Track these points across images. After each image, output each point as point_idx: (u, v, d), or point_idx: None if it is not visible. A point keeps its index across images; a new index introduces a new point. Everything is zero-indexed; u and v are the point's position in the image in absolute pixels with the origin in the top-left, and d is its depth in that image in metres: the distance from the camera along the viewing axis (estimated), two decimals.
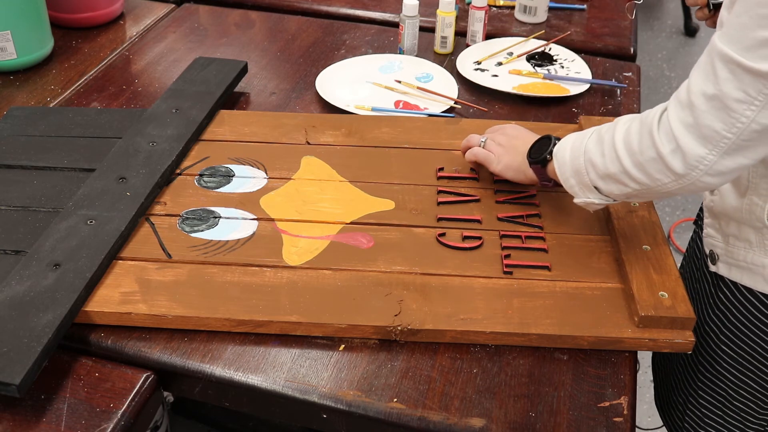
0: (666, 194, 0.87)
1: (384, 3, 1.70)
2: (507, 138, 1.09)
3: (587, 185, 0.93)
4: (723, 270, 1.00)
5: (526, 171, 1.04)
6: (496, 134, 1.11)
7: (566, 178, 0.95)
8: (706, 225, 1.03)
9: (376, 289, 0.94)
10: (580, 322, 0.91)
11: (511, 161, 1.06)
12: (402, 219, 1.05)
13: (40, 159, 1.12)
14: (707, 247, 1.03)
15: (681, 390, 1.12)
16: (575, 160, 0.93)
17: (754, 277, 0.96)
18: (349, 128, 1.23)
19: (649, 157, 0.83)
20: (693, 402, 1.10)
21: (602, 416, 0.83)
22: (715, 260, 1.01)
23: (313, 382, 0.85)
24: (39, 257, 0.93)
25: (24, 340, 0.82)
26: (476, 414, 0.83)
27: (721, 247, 1.00)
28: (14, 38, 1.36)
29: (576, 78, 1.41)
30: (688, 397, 1.11)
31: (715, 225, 1.00)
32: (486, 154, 1.08)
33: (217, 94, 1.27)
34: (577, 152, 0.93)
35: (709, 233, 1.02)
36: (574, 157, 0.93)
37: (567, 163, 0.94)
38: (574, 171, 0.93)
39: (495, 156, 1.08)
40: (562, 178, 0.96)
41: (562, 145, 0.96)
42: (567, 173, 0.95)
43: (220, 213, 1.05)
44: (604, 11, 1.69)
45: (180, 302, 0.91)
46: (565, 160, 0.94)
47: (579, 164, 0.92)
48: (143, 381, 0.85)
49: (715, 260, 1.01)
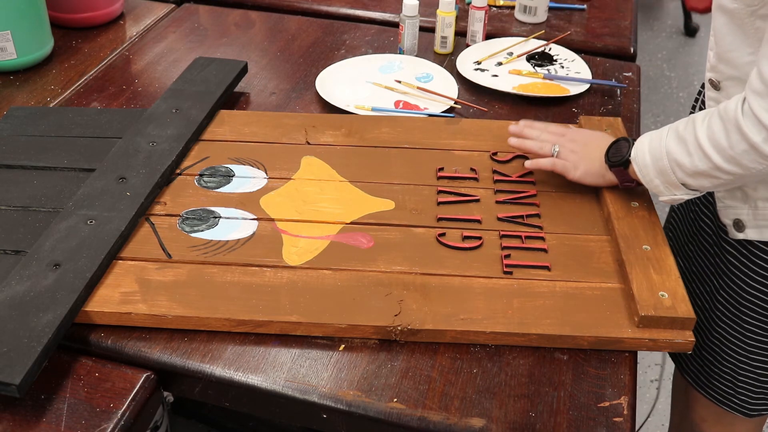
0: (758, 177, 0.90)
1: (384, 3, 1.70)
2: (579, 145, 1.10)
3: (674, 184, 0.96)
4: (753, 234, 1.02)
5: (605, 175, 1.06)
6: (565, 141, 1.11)
7: (650, 179, 0.98)
8: (721, 198, 1.05)
9: (376, 289, 0.94)
10: (580, 322, 0.91)
11: (589, 167, 1.08)
12: (402, 219, 1.05)
13: (40, 159, 1.12)
14: (728, 218, 1.04)
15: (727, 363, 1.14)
16: (658, 161, 0.96)
17: None
18: (349, 128, 1.23)
19: (741, 150, 0.87)
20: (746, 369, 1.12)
21: (602, 416, 0.83)
22: (742, 227, 1.03)
23: (313, 382, 0.85)
24: (39, 257, 0.93)
25: (24, 340, 0.82)
26: (476, 414, 0.83)
27: (747, 213, 1.02)
28: (14, 38, 1.36)
29: (576, 78, 1.41)
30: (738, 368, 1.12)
31: (736, 195, 1.02)
32: (563, 164, 1.10)
33: (217, 94, 1.27)
34: (658, 154, 0.96)
35: (728, 204, 1.04)
36: (656, 158, 0.96)
37: (649, 165, 0.97)
38: (659, 172, 0.96)
39: (571, 164, 1.09)
40: (646, 179, 0.99)
41: (640, 148, 0.99)
42: (650, 175, 0.98)
43: (220, 213, 1.05)
44: (604, 11, 1.69)
45: (180, 302, 0.91)
46: (646, 162, 0.97)
47: (663, 165, 0.95)
48: (143, 381, 0.85)
49: (742, 228, 1.03)
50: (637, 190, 1.08)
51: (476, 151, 1.19)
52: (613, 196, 1.07)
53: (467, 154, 1.18)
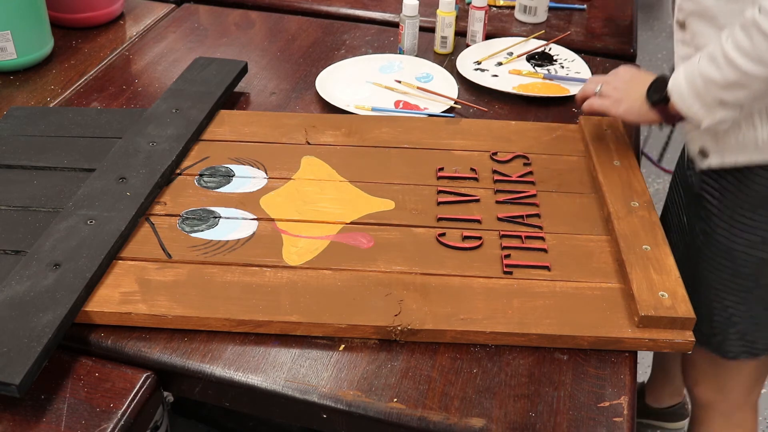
0: None
1: (384, 3, 1.70)
2: (623, 82, 1.12)
3: (712, 104, 0.96)
4: (715, 160, 1.05)
5: (647, 114, 1.07)
6: (610, 78, 1.14)
7: (688, 105, 0.99)
8: (689, 130, 1.09)
9: (376, 289, 0.94)
10: (580, 322, 0.91)
11: (630, 106, 1.09)
12: (402, 219, 1.05)
13: (40, 159, 1.12)
14: (695, 146, 1.08)
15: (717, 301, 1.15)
16: (692, 84, 0.97)
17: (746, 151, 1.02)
18: (349, 128, 1.23)
19: (765, 48, 0.88)
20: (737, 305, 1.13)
21: (602, 416, 0.83)
22: (707, 154, 1.06)
23: (313, 382, 0.85)
24: (39, 257, 0.93)
25: (24, 340, 0.82)
26: (476, 414, 0.83)
27: (709, 140, 1.05)
28: (14, 38, 1.36)
29: (576, 78, 1.41)
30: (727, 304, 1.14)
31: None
32: (602, 104, 1.12)
33: (217, 94, 1.27)
34: (692, 77, 0.97)
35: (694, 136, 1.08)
36: (691, 82, 0.97)
37: (685, 92, 0.98)
38: (695, 95, 0.97)
39: (613, 101, 1.11)
40: (684, 107, 0.99)
41: (676, 78, 1.01)
42: (688, 101, 0.98)
43: (220, 213, 1.05)
44: (604, 11, 1.69)
45: (180, 302, 0.91)
46: (682, 89, 0.99)
47: (698, 87, 0.97)
48: (143, 381, 0.85)
49: (706, 154, 1.07)
50: (638, 190, 1.08)
51: (476, 151, 1.19)
52: (613, 195, 1.07)
53: (467, 154, 1.18)
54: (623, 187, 1.09)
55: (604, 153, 1.16)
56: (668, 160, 2.65)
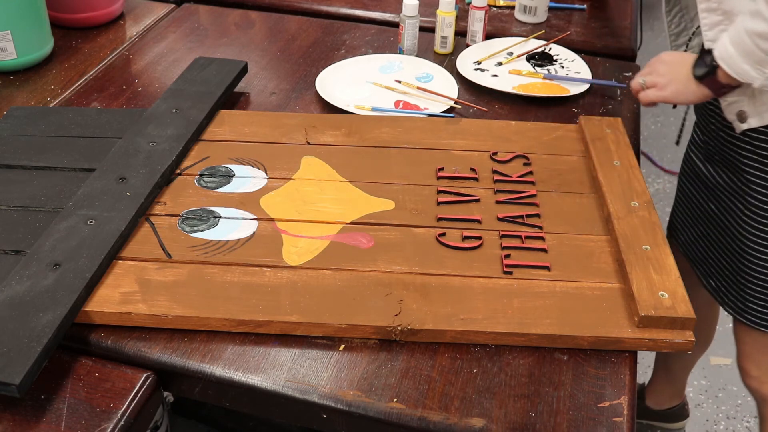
0: None
1: (384, 3, 1.70)
2: (666, 66, 1.13)
3: (763, 60, 0.96)
4: (755, 122, 1.07)
5: (696, 91, 1.08)
6: (654, 65, 1.15)
7: (738, 66, 0.99)
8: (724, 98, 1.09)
9: (376, 289, 0.94)
10: (579, 322, 0.91)
11: (678, 87, 1.10)
12: (402, 219, 1.05)
13: (40, 159, 1.12)
14: (732, 113, 1.09)
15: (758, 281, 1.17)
16: (740, 45, 0.97)
17: None
18: (349, 128, 1.23)
19: None
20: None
21: (602, 416, 0.83)
22: (745, 118, 1.07)
23: (313, 382, 0.85)
24: (39, 257, 0.93)
25: (24, 340, 0.82)
26: (476, 414, 0.83)
27: (747, 102, 1.06)
28: (14, 38, 1.36)
29: (576, 78, 1.41)
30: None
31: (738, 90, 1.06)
32: (653, 94, 1.13)
33: (217, 94, 1.27)
34: (738, 38, 0.97)
35: (730, 101, 1.08)
36: (738, 44, 0.98)
37: (733, 55, 0.98)
38: (744, 55, 0.97)
39: (660, 86, 1.12)
40: (734, 69, 0.99)
41: (721, 45, 1.01)
42: (738, 62, 0.98)
43: (220, 213, 1.05)
44: (604, 11, 1.69)
45: (180, 302, 0.91)
46: (730, 53, 0.99)
47: (746, 45, 0.97)
48: (143, 381, 0.85)
49: (744, 118, 1.08)
50: (638, 190, 1.08)
51: (476, 151, 1.19)
52: (613, 195, 1.07)
53: (467, 154, 1.18)
54: (623, 187, 1.09)
55: (604, 153, 1.16)
56: (668, 160, 2.65)
